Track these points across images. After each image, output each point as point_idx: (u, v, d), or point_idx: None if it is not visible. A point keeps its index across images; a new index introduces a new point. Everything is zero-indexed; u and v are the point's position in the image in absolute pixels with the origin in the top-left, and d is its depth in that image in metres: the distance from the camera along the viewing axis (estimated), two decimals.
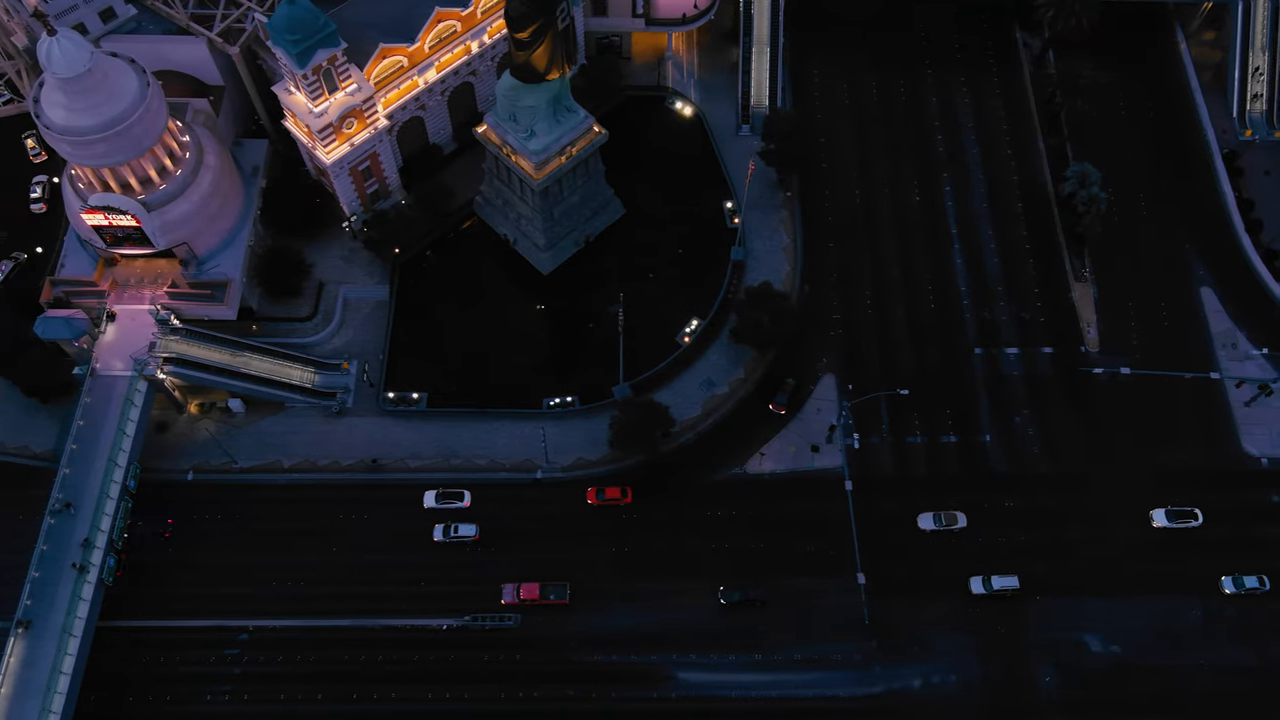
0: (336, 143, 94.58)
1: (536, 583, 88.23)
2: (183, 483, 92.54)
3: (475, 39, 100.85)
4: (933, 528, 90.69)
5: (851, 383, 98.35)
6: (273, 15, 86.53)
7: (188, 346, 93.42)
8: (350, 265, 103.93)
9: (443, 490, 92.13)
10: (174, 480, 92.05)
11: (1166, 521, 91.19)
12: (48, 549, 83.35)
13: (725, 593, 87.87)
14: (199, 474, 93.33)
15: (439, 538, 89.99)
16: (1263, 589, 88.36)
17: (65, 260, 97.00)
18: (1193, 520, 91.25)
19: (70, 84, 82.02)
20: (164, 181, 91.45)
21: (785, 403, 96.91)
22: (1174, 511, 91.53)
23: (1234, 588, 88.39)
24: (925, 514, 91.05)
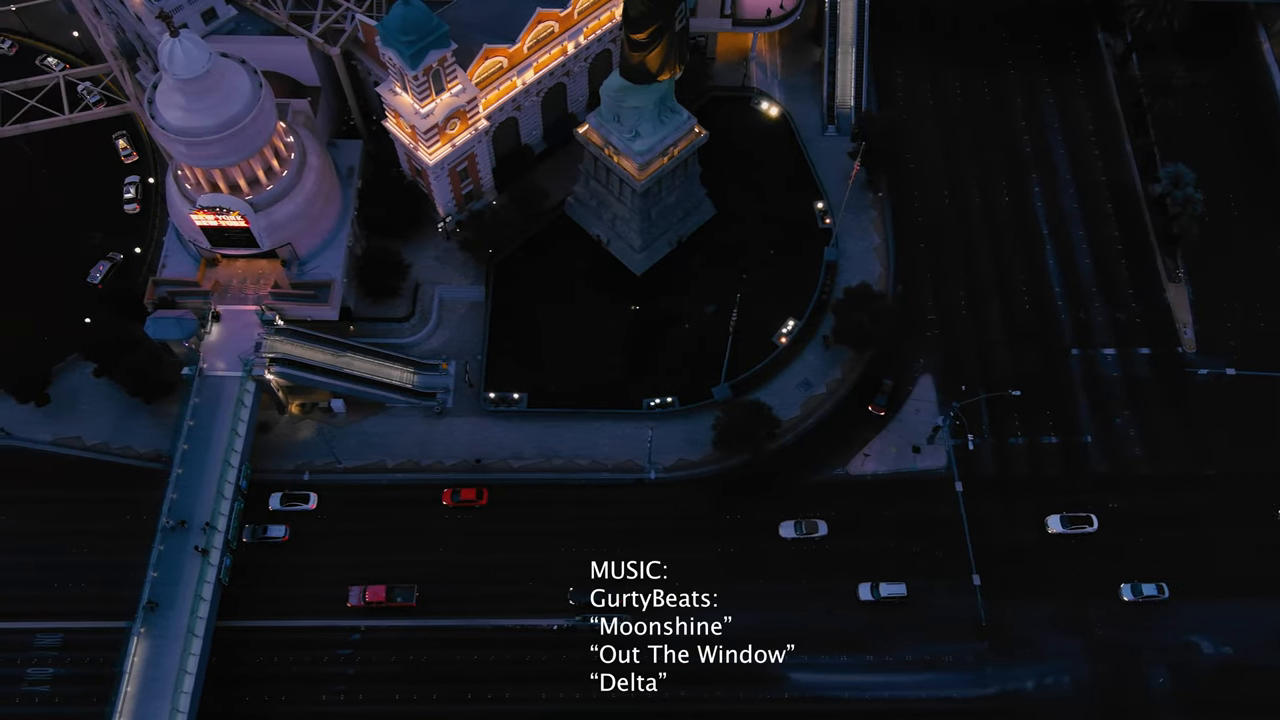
0: (440, 144, 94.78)
1: (383, 585, 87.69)
2: (299, 482, 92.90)
3: (572, 40, 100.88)
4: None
5: (949, 383, 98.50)
6: (385, 16, 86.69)
7: (293, 347, 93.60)
8: (444, 266, 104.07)
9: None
10: (286, 480, 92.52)
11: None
12: (165, 549, 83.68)
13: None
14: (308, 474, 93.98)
15: None
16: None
17: (167, 260, 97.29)
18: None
19: (189, 85, 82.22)
20: (270, 182, 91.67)
21: (885, 404, 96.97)
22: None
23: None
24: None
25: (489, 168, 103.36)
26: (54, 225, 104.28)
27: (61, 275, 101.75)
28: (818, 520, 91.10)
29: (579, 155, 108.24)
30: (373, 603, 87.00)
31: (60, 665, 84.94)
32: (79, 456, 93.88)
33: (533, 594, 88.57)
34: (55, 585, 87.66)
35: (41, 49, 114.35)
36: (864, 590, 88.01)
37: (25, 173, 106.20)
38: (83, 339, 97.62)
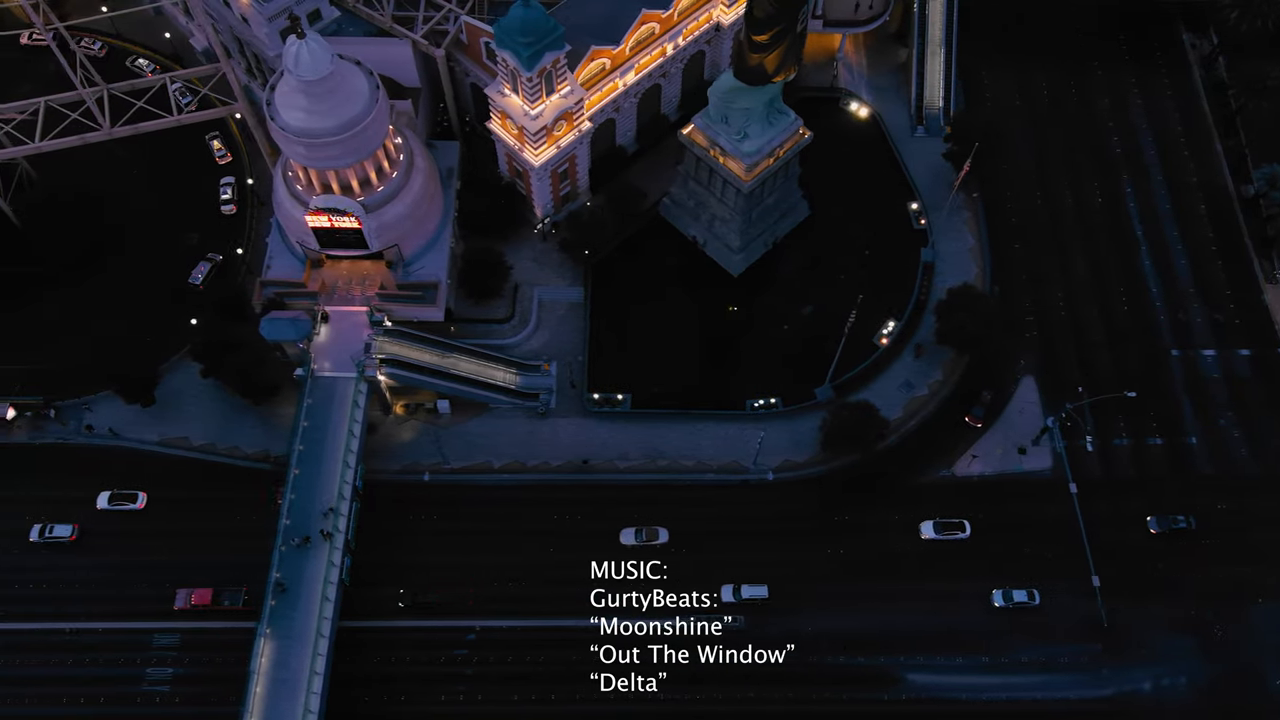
0: (546, 145, 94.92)
1: (209, 588, 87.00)
2: (418, 484, 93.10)
3: (671, 41, 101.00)
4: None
5: (1051, 385, 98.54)
6: (502, 17, 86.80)
7: (401, 348, 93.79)
8: (542, 267, 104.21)
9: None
10: (407, 481, 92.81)
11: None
12: (286, 549, 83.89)
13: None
14: (408, 474, 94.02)
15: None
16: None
17: (272, 261, 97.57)
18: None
19: (312, 86, 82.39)
20: (381, 184, 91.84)
21: (982, 415, 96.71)
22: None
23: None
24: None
25: (587, 169, 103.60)
26: (152, 227, 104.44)
27: (162, 276, 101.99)
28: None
29: (670, 156, 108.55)
30: (199, 605, 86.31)
31: (179, 665, 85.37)
32: (186, 457, 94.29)
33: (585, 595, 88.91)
34: (168, 585, 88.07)
35: (131, 50, 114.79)
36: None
37: (121, 175, 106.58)
38: (185, 340, 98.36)
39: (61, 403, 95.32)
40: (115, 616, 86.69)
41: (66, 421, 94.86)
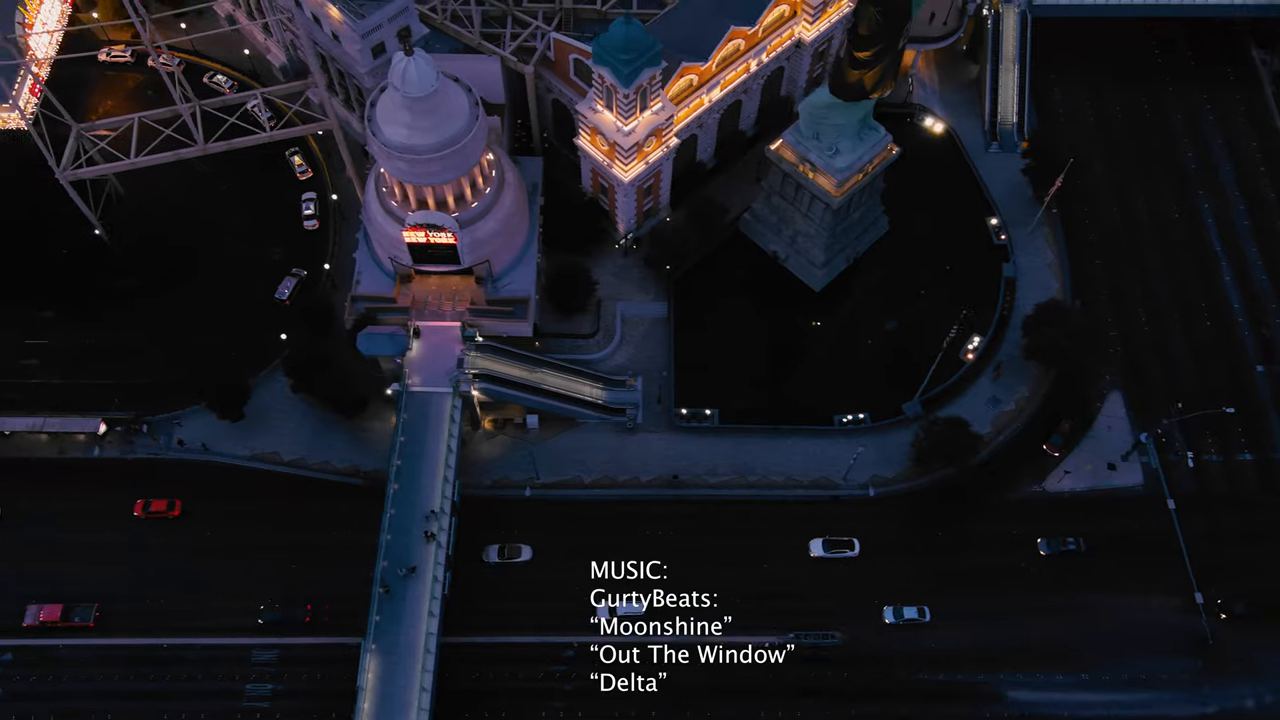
0: (635, 161, 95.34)
1: (60, 604, 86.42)
2: (519, 499, 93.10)
3: (755, 58, 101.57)
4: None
5: (1137, 400, 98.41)
6: (602, 34, 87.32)
7: (493, 362, 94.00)
8: (623, 282, 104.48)
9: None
10: (507, 497, 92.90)
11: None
12: (388, 564, 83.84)
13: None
14: (501, 489, 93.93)
15: None
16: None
17: (361, 276, 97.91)
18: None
19: (417, 103, 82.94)
20: (475, 200, 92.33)
21: (1061, 444, 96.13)
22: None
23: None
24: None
25: (669, 185, 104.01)
26: (235, 242, 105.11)
27: (247, 292, 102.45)
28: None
29: (748, 172, 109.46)
30: (48, 622, 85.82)
31: (279, 681, 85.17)
32: (277, 471, 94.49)
33: (742, 610, 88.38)
34: (267, 600, 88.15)
35: (209, 67, 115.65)
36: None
37: (203, 191, 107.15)
38: (273, 354, 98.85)
39: (152, 417, 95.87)
40: (213, 632, 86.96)
41: (157, 437, 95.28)
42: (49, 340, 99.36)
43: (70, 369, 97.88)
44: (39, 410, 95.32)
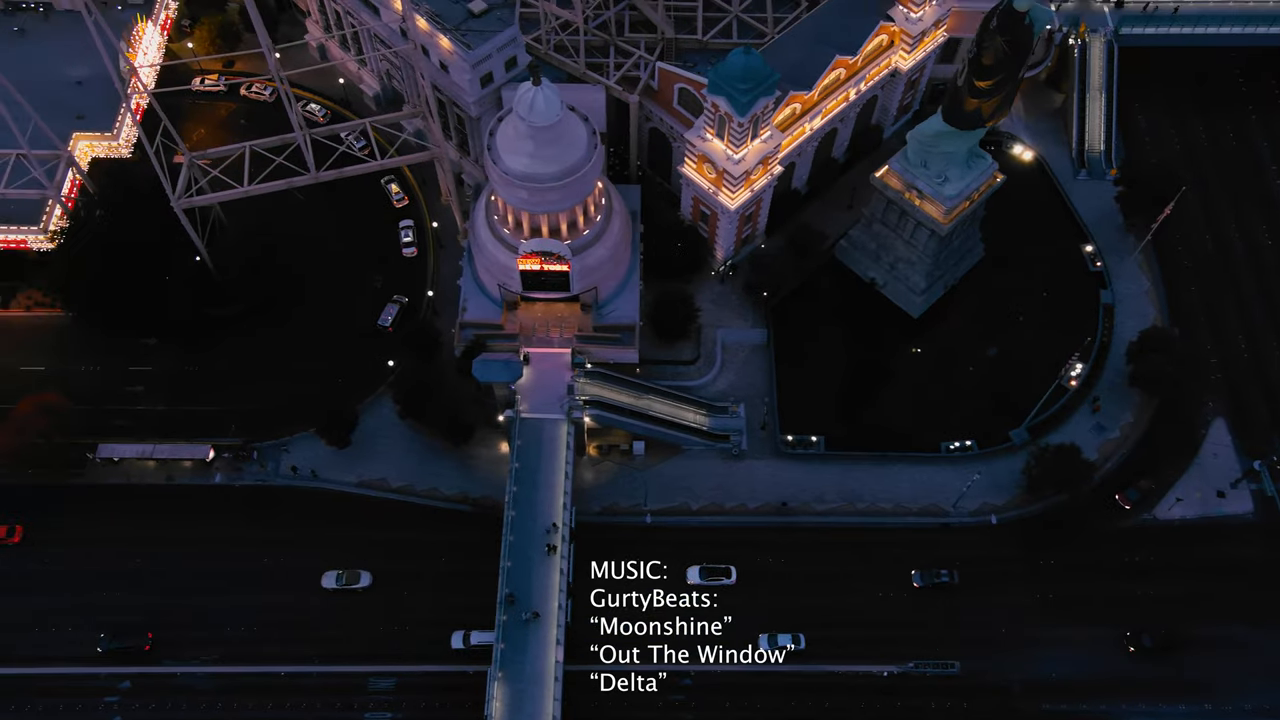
0: (742, 189, 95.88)
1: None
2: (638, 525, 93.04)
3: (854, 86, 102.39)
4: None
5: (1243, 427, 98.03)
6: (720, 64, 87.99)
7: (602, 389, 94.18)
8: (721, 308, 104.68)
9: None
10: (623, 523, 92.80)
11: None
12: (511, 590, 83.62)
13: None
14: (613, 515, 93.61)
15: None
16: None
17: (467, 304, 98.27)
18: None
19: (542, 132, 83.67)
20: (586, 228, 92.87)
21: (1136, 498, 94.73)
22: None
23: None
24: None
25: (768, 212, 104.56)
26: (336, 270, 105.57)
27: (349, 319, 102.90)
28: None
29: (841, 199, 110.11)
30: None
31: (397, 710, 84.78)
32: (385, 498, 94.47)
33: (854, 639, 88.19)
34: (380, 627, 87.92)
35: (302, 96, 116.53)
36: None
37: (301, 219, 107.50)
38: (378, 381, 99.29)
39: (260, 444, 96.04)
40: (327, 659, 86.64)
41: (265, 463, 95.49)
42: (153, 367, 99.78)
43: (174, 396, 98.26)
44: (146, 437, 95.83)
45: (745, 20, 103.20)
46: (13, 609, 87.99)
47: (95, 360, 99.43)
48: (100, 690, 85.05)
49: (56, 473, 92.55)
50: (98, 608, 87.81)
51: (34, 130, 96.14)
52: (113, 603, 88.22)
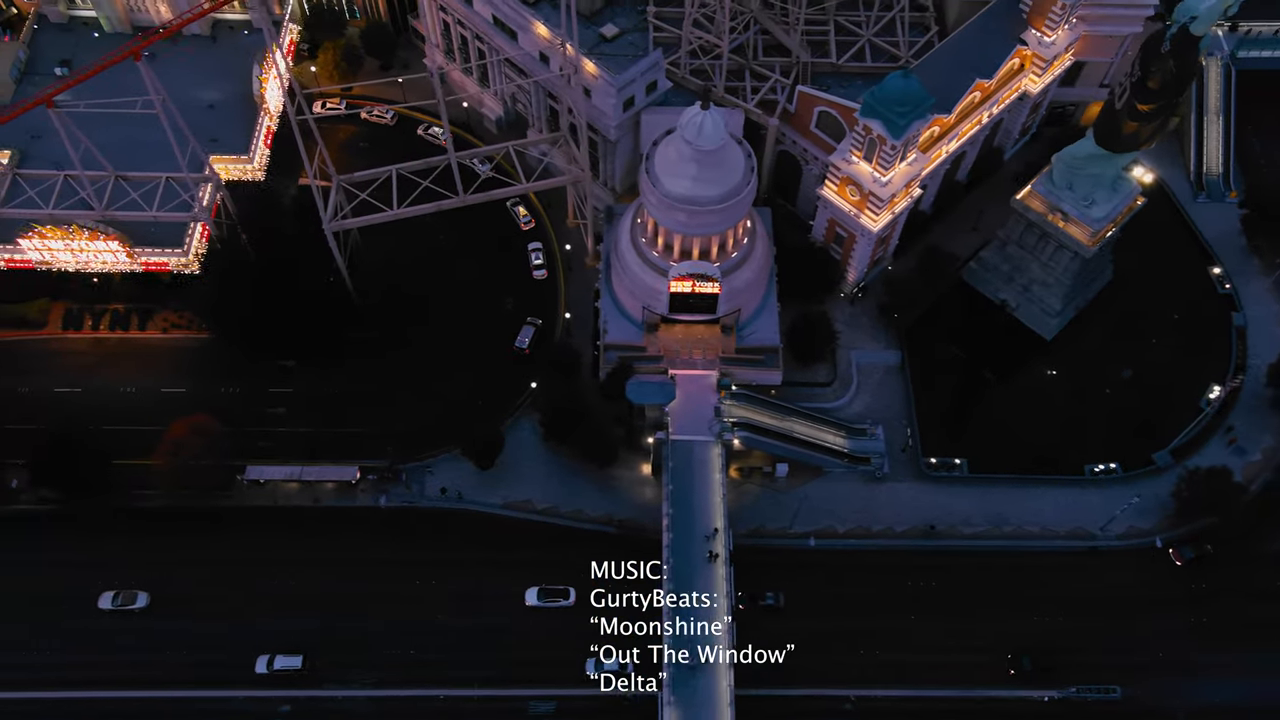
0: (885, 211, 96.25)
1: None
2: (799, 549, 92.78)
3: (987, 110, 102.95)
4: None
5: None
6: (877, 87, 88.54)
7: (747, 411, 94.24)
8: (853, 330, 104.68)
9: None
10: (783, 546, 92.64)
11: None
12: (677, 613, 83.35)
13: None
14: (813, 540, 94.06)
15: None
16: None
17: (607, 326, 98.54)
18: None
19: (707, 156, 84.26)
20: (734, 250, 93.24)
21: (1192, 558, 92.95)
22: None
23: None
24: None
25: (899, 233, 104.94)
26: (466, 292, 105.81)
27: (485, 341, 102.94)
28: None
29: (965, 220, 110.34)
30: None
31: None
32: (531, 520, 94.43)
33: (965, 664, 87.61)
34: (537, 650, 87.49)
35: (421, 119, 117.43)
36: None
37: (430, 241, 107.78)
38: (517, 402, 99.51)
39: (404, 465, 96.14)
40: (490, 683, 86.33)
41: (411, 485, 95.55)
42: (293, 389, 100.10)
43: (316, 417, 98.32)
44: (290, 458, 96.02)
45: (877, 44, 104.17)
46: (171, 631, 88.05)
47: (235, 382, 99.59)
48: (260, 714, 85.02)
49: (207, 495, 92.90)
50: (255, 630, 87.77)
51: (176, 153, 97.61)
52: (269, 625, 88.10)
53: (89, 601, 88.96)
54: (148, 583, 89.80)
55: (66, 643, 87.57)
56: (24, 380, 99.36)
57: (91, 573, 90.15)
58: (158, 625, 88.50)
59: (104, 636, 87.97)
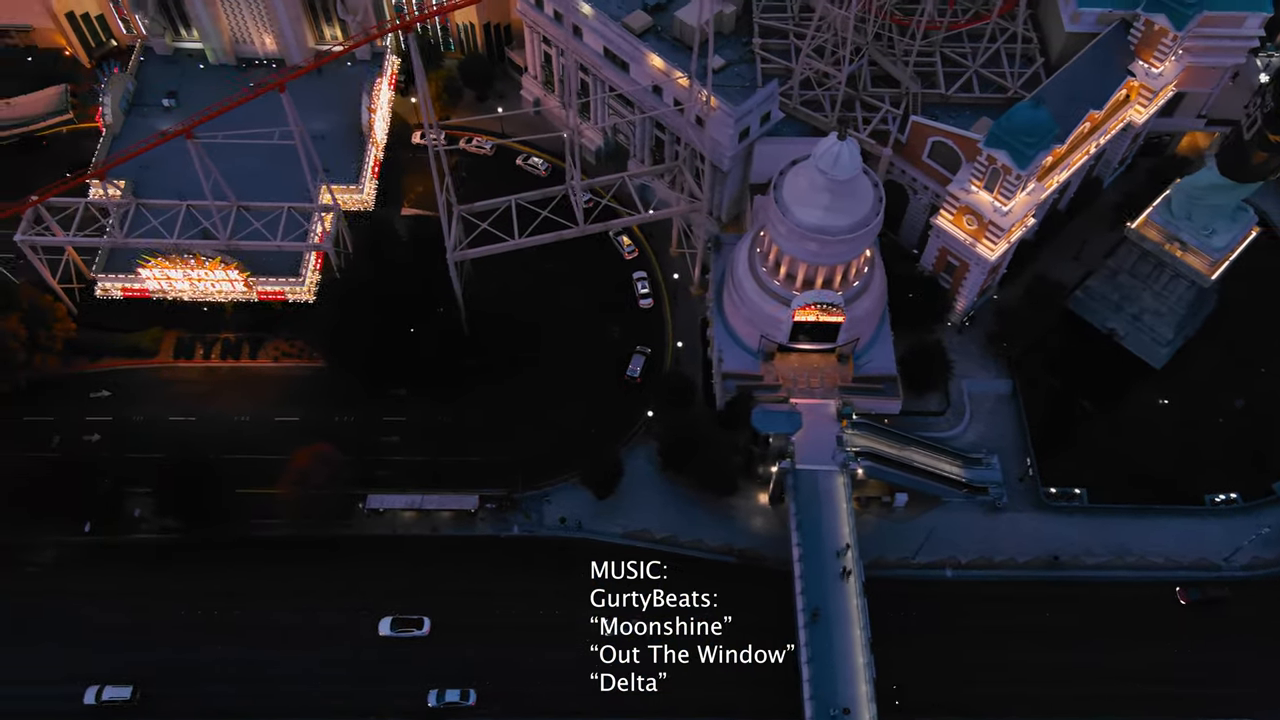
0: (1002, 240, 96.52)
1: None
2: (941, 580, 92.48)
3: (1095, 140, 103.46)
4: None
5: None
6: (1003, 117, 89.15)
7: (868, 440, 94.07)
8: (962, 359, 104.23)
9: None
10: (919, 578, 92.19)
11: None
12: (812, 642, 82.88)
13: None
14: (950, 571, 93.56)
15: None
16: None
17: (723, 355, 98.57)
18: None
19: (841, 186, 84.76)
20: (855, 279, 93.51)
21: (1198, 598, 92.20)
22: None
23: None
24: None
25: (1008, 262, 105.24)
26: (574, 320, 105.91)
27: (593, 368, 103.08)
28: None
29: (1066, 248, 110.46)
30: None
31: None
32: (651, 549, 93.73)
33: (1149, 694, 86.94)
34: (689, 681, 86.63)
35: (519, 150, 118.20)
36: None
37: (534, 270, 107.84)
38: (630, 431, 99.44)
39: (522, 494, 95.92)
40: None
41: (530, 514, 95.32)
42: (406, 417, 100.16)
43: (431, 446, 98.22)
44: (406, 487, 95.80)
45: (985, 75, 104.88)
46: (298, 660, 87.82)
47: (348, 411, 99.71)
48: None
49: (328, 524, 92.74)
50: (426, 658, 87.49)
51: (294, 184, 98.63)
52: (417, 654, 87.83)
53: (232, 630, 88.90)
54: (271, 611, 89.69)
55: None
56: (139, 409, 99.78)
57: (224, 601, 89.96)
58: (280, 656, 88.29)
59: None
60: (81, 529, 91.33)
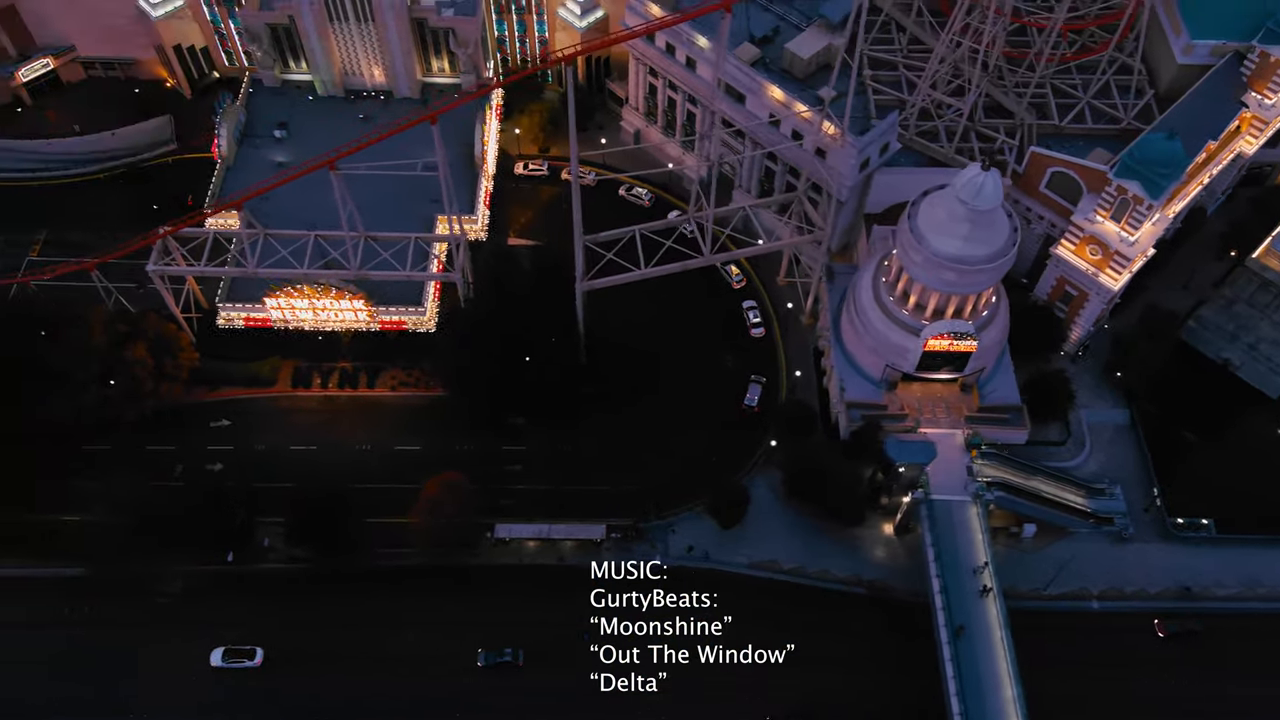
0: (1125, 270, 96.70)
1: None
2: (1086, 611, 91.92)
3: (1209, 171, 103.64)
4: None
5: None
6: (1133, 148, 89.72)
7: (997, 470, 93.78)
8: (1078, 388, 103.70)
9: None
10: (1063, 610, 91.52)
11: None
12: (959, 682, 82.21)
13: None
14: None
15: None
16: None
17: (845, 384, 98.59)
18: None
19: (983, 216, 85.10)
20: (984, 308, 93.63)
21: (1176, 631, 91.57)
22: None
23: None
24: None
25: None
26: (687, 350, 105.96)
27: (710, 398, 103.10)
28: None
29: (1171, 277, 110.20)
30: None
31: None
32: (778, 580, 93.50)
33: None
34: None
35: (620, 180, 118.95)
36: None
37: (643, 300, 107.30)
38: (750, 460, 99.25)
39: (647, 523, 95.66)
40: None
41: (655, 544, 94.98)
42: (526, 446, 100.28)
43: (553, 475, 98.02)
44: (530, 516, 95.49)
45: (1096, 106, 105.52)
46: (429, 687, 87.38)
47: (468, 440, 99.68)
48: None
49: (456, 553, 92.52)
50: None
51: (411, 214, 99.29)
52: None
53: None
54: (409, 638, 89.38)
55: None
56: (260, 438, 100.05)
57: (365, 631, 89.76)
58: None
59: None
60: (221, 558, 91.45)
